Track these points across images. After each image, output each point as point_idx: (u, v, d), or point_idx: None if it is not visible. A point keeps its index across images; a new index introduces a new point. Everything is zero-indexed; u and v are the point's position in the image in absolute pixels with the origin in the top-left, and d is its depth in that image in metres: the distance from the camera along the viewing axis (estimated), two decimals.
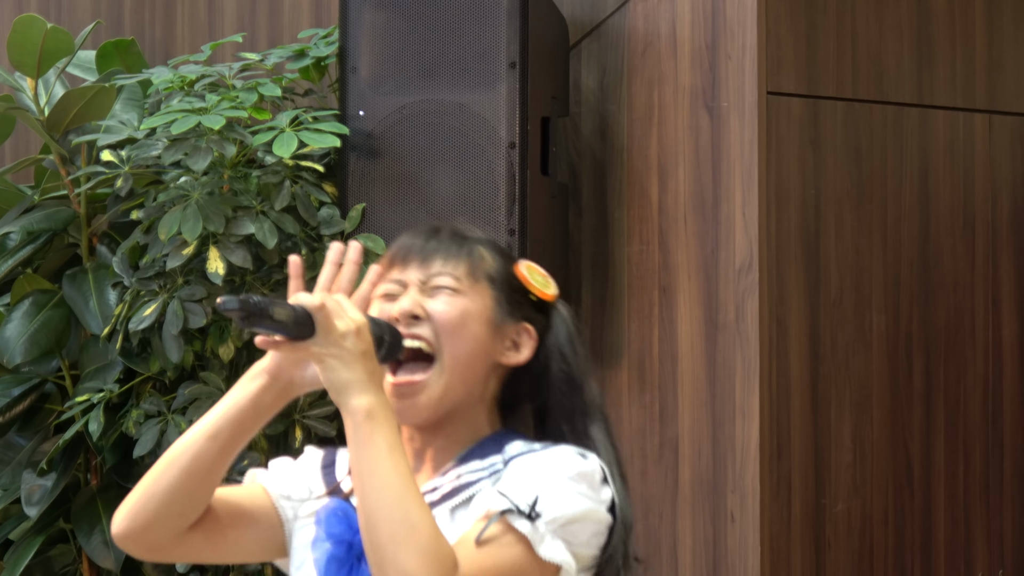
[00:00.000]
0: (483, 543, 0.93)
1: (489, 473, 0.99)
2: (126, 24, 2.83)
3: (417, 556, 0.90)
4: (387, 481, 0.94)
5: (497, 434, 1.05)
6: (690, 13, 2.38)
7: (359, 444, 0.93)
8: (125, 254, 2.37)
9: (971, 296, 2.42)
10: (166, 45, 2.80)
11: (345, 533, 1.04)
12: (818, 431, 2.31)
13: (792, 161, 2.30)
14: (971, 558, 2.37)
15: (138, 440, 2.26)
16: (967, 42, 2.44)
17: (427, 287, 1.04)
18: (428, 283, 1.04)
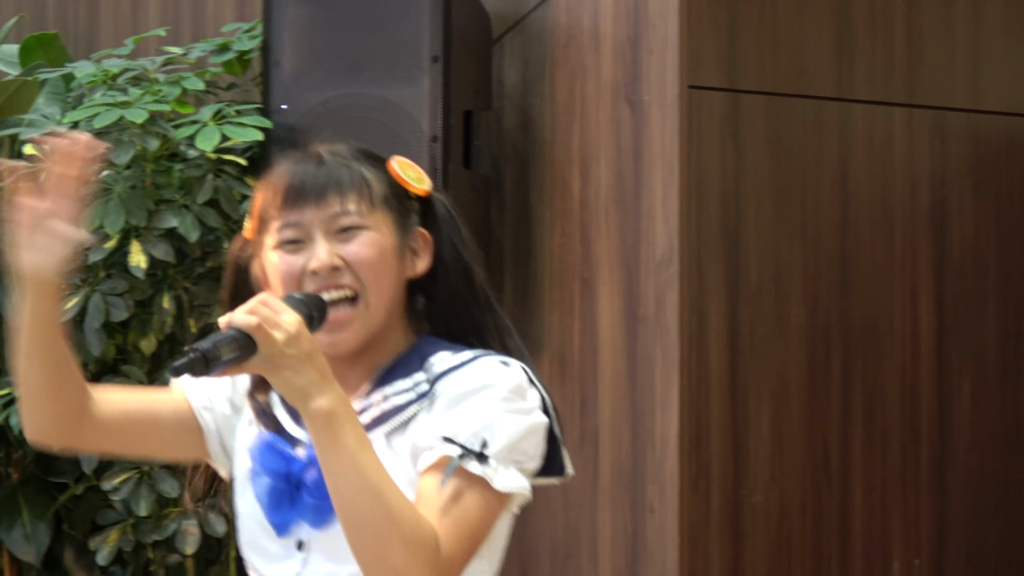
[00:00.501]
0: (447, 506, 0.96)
1: (416, 395, 1.01)
2: (49, 18, 2.81)
3: (404, 551, 0.93)
4: (361, 482, 0.95)
5: (415, 347, 1.07)
6: (612, 7, 2.38)
7: (325, 447, 0.94)
8: None
9: (889, 289, 2.44)
10: (90, 39, 2.76)
11: (280, 466, 1.06)
12: (737, 423, 2.31)
13: (713, 155, 2.31)
14: (888, 548, 2.40)
15: None
16: (887, 37, 2.47)
17: (333, 229, 1.03)
18: (333, 224, 1.03)
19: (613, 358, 2.39)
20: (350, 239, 1.03)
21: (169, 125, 2.15)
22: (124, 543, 2.28)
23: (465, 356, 1.03)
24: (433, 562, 0.96)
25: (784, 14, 2.45)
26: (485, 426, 0.97)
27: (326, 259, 1.01)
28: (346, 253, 1.02)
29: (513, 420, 0.98)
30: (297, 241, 1.03)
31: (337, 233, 1.03)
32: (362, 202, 1.05)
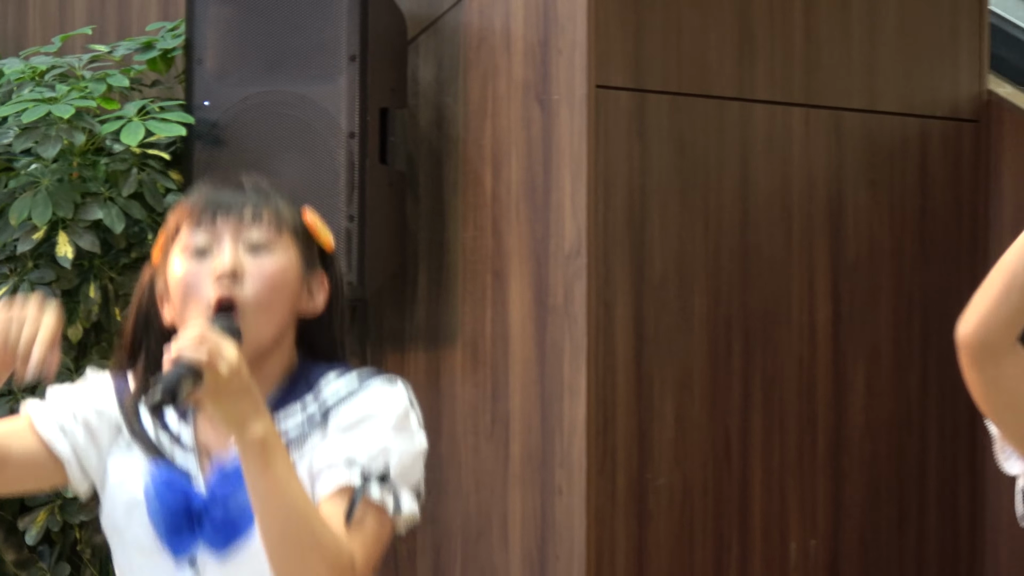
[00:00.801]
0: (355, 530, 1.02)
1: (310, 426, 1.07)
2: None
3: (328, 571, 0.99)
4: (289, 507, 1.00)
5: (301, 370, 1.11)
6: (523, 9, 2.44)
7: (257, 473, 0.97)
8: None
9: (788, 281, 2.54)
10: (18, 37, 2.83)
11: (180, 501, 1.07)
12: (642, 408, 2.39)
13: (619, 152, 2.39)
14: (786, 528, 2.50)
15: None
16: (786, 40, 2.56)
17: (243, 241, 1.05)
18: (244, 237, 1.05)
19: (523, 347, 2.43)
20: (258, 255, 1.05)
21: (95, 120, 2.21)
22: (52, 523, 2.32)
23: (354, 382, 1.09)
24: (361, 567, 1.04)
25: (688, 17, 2.51)
26: (381, 452, 1.03)
27: (230, 263, 1.02)
28: (250, 265, 1.04)
29: (405, 446, 1.06)
30: (205, 250, 1.05)
31: (247, 247, 1.06)
32: (274, 227, 1.07)
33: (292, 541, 1.04)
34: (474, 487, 2.51)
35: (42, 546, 2.46)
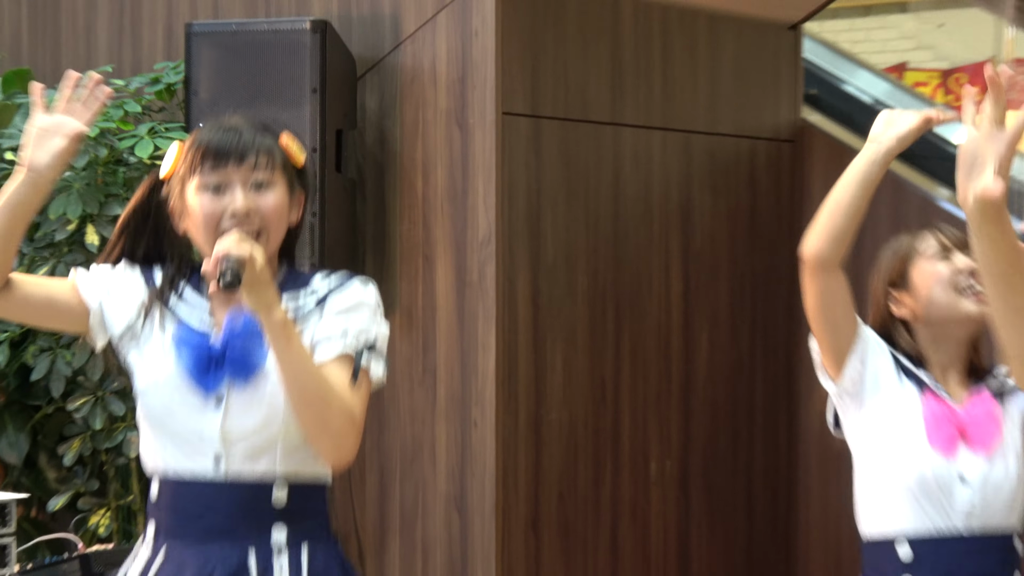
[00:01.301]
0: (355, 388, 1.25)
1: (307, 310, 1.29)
2: (23, 56, 3.24)
3: (339, 416, 1.22)
4: (308, 369, 1.22)
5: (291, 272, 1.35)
6: (445, 53, 2.75)
7: (282, 345, 1.19)
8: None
9: (649, 263, 2.93)
10: (54, 72, 3.10)
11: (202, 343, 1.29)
12: (537, 361, 2.79)
13: (520, 164, 2.75)
14: (648, 451, 2.93)
15: (34, 368, 2.68)
16: (648, 76, 2.97)
17: (248, 182, 1.25)
18: (249, 179, 1.25)
19: (447, 314, 2.75)
20: (261, 192, 1.26)
21: (115, 138, 2.57)
22: (84, 449, 2.69)
23: (339, 279, 1.32)
24: (355, 423, 1.26)
25: (573, 58, 2.89)
26: (369, 330, 1.28)
27: (242, 206, 1.23)
28: (258, 203, 1.24)
29: (382, 328, 1.31)
30: (219, 187, 1.24)
31: (251, 186, 1.25)
32: (269, 166, 1.26)
33: (312, 394, 1.24)
34: (409, 421, 2.82)
35: (76, 467, 2.82)
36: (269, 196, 1.28)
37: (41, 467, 2.93)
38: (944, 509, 1.58)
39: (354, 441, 1.34)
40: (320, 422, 1.26)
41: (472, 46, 2.66)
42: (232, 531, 1.36)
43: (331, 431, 1.28)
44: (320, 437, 1.29)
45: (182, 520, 1.37)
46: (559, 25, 2.87)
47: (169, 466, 1.35)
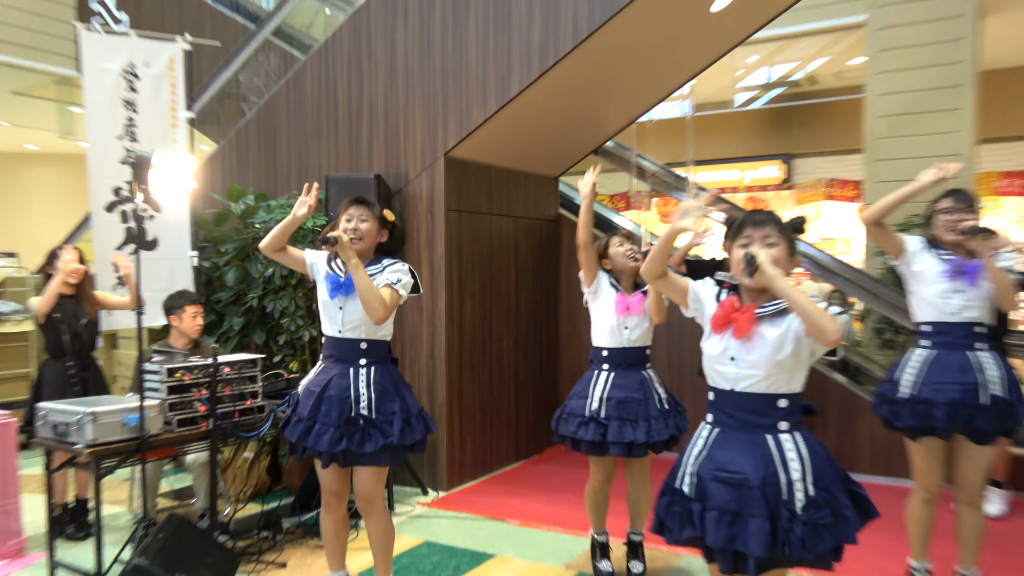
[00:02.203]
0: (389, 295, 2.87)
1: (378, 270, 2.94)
2: (250, 181, 5.91)
3: (381, 307, 2.84)
4: (368, 286, 2.81)
5: (377, 257, 3.01)
6: (425, 187, 5.06)
7: (357, 275, 2.80)
8: None
9: (503, 268, 5.45)
10: (269, 188, 5.94)
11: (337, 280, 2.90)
12: (462, 304, 5.27)
13: (453, 228, 5.20)
14: (503, 337, 5.60)
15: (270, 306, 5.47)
16: (501, 190, 6.09)
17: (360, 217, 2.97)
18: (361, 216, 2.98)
19: (427, 287, 4.99)
20: (363, 222, 2.95)
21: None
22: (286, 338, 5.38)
23: (393, 261, 2.97)
24: (386, 310, 2.85)
25: (474, 188, 5.58)
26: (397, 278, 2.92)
27: (352, 226, 2.94)
28: (362, 227, 2.94)
29: (405, 277, 2.94)
30: (351, 219, 2.93)
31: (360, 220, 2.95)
32: (369, 213, 2.98)
33: (369, 297, 2.79)
34: (413, 325, 5.07)
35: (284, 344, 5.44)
36: (368, 224, 2.93)
37: (270, 345, 5.18)
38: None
39: (383, 313, 2.80)
40: (371, 308, 2.77)
41: (435, 183, 5.03)
42: (345, 360, 2.93)
43: (371, 306, 2.76)
44: (369, 312, 2.78)
45: (329, 352, 2.94)
46: (466, 174, 5.22)
47: (325, 330, 2.92)
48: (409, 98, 5.35)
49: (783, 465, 2.00)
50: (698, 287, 2.18)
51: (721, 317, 2.08)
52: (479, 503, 5.00)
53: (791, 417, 2.05)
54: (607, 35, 4.76)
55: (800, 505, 1.98)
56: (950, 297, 3.05)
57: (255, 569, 3.87)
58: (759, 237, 2.05)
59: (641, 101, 6.03)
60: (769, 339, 2.03)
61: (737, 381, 2.07)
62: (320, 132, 5.68)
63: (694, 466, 2.09)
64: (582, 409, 3.45)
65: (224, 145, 6.18)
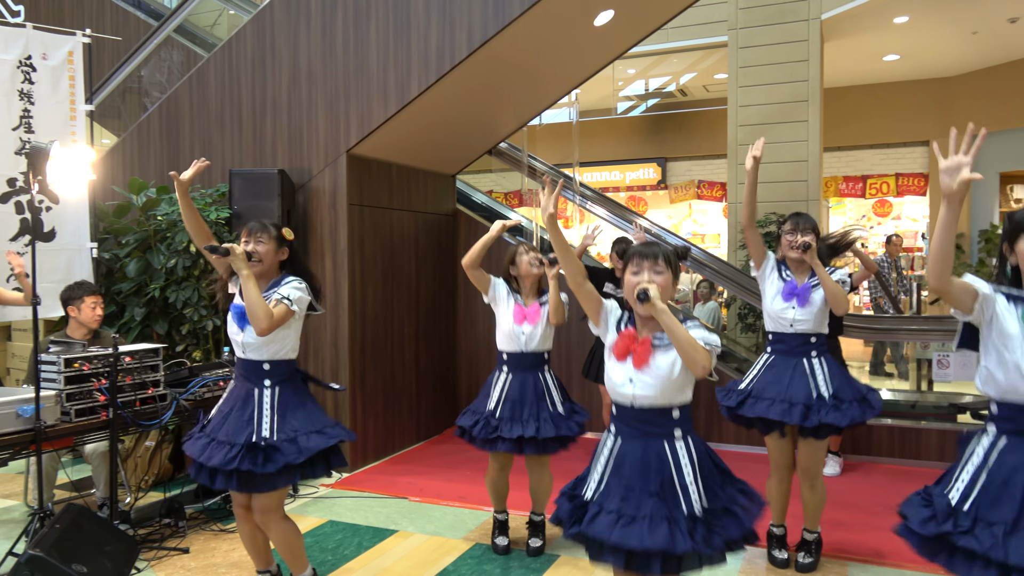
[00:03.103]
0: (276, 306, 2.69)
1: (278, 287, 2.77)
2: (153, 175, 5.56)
3: (263, 315, 2.65)
4: (256, 297, 2.64)
5: (281, 276, 2.84)
6: (328, 182, 5.01)
7: (247, 286, 2.64)
8: None
9: (403, 259, 5.38)
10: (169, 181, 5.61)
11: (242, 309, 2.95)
12: (363, 293, 5.25)
13: (356, 222, 5.19)
14: (404, 325, 5.74)
15: (173, 296, 5.16)
16: (401, 190, 6.09)
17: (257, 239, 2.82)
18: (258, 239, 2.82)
19: (331, 278, 4.88)
20: (260, 243, 2.80)
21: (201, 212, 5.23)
22: (190, 328, 5.24)
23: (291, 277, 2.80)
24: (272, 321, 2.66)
25: (375, 182, 5.64)
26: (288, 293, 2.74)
27: (251, 248, 2.77)
28: (259, 248, 2.80)
29: (296, 293, 2.76)
30: (248, 241, 2.78)
31: (257, 241, 2.80)
32: (266, 235, 2.83)
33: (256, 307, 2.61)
34: (320, 316, 5.47)
35: (187, 335, 5.21)
36: (263, 245, 2.81)
37: (173, 335, 4.97)
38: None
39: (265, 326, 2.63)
40: (255, 319, 2.63)
41: (337, 179, 4.91)
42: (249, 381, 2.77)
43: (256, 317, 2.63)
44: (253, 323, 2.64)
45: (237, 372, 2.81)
46: (368, 171, 5.13)
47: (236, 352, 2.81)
48: (312, 97, 5.17)
49: (677, 470, 2.07)
50: (609, 307, 2.25)
51: (622, 348, 2.16)
52: (381, 482, 4.91)
53: (684, 424, 2.15)
54: (500, 44, 4.75)
55: (697, 506, 2.05)
56: (786, 312, 3.28)
57: (157, 556, 3.64)
58: (648, 267, 2.13)
59: (531, 106, 6.05)
60: (663, 365, 2.11)
61: (636, 399, 2.15)
62: (224, 127, 5.42)
63: (600, 473, 2.16)
64: (482, 407, 3.51)
65: (126, 138, 5.80)
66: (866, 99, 11.92)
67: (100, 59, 6.72)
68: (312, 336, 5.15)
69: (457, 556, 3.68)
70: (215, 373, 4.14)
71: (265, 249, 2.81)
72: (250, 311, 2.62)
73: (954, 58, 10.69)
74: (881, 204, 12.97)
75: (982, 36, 9.62)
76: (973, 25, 9.24)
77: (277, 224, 2.87)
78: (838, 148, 12.36)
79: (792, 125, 8.07)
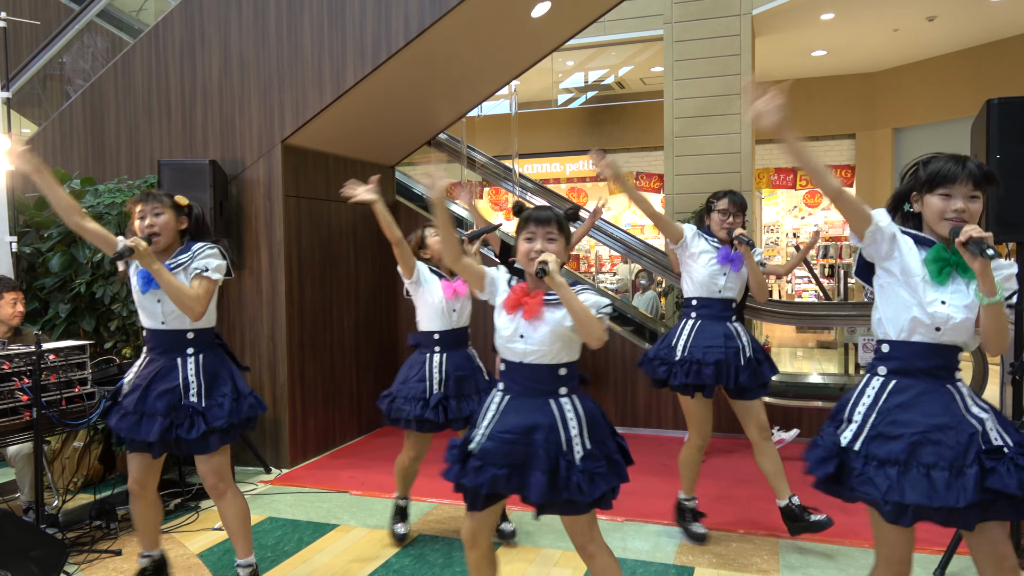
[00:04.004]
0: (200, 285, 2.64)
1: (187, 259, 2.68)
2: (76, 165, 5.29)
3: (189, 300, 2.60)
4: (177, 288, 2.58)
5: (186, 246, 2.72)
6: (263, 173, 4.98)
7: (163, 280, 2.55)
8: None
9: (343, 249, 5.31)
10: (96, 174, 5.36)
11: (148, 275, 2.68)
12: (301, 285, 5.12)
13: (292, 213, 5.12)
14: (344, 318, 5.78)
15: (100, 293, 4.92)
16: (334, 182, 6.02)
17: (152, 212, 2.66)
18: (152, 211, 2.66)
19: (267, 270, 4.79)
20: (157, 215, 2.66)
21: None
22: (118, 324, 5.05)
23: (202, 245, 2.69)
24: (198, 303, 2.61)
25: (311, 173, 5.66)
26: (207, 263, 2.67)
27: (147, 223, 2.65)
28: (155, 223, 2.65)
29: (216, 261, 2.69)
30: (143, 216, 2.64)
31: (155, 213, 2.65)
32: (163, 205, 2.69)
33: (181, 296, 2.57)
34: (252, 307, 4.83)
35: (116, 331, 5.02)
36: (161, 217, 2.69)
37: (101, 331, 4.80)
38: None
39: (199, 310, 2.59)
40: (186, 309, 2.58)
41: (272, 169, 4.82)
42: (171, 351, 2.69)
43: (185, 306, 2.56)
44: (185, 312, 2.59)
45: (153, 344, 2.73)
46: (304, 161, 5.06)
47: (145, 324, 2.72)
48: (245, 85, 5.05)
49: (563, 424, 2.14)
50: (493, 273, 2.27)
51: (513, 300, 2.18)
52: (322, 477, 4.85)
53: (570, 383, 2.20)
54: (437, 34, 4.72)
55: (579, 456, 2.12)
56: (717, 278, 3.38)
57: (88, 559, 3.52)
58: (542, 234, 2.14)
59: (470, 97, 6.03)
60: (552, 321, 2.15)
61: (525, 355, 2.18)
62: (152, 116, 5.25)
63: (487, 428, 2.20)
64: (423, 392, 3.44)
65: (47, 128, 5.55)
66: (796, 93, 12.27)
67: (18, 44, 6.44)
68: (248, 330, 5.04)
69: (399, 549, 3.66)
70: None
71: (164, 220, 2.72)
72: (177, 302, 2.58)
73: (877, 54, 11.08)
74: (811, 195, 13.39)
75: (903, 33, 10.01)
76: (894, 23, 9.61)
77: (168, 192, 2.81)
78: (770, 141, 12.70)
79: (726, 118, 8.27)
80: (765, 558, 3.51)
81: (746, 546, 3.66)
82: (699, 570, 3.40)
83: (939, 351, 1.94)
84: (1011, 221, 3.22)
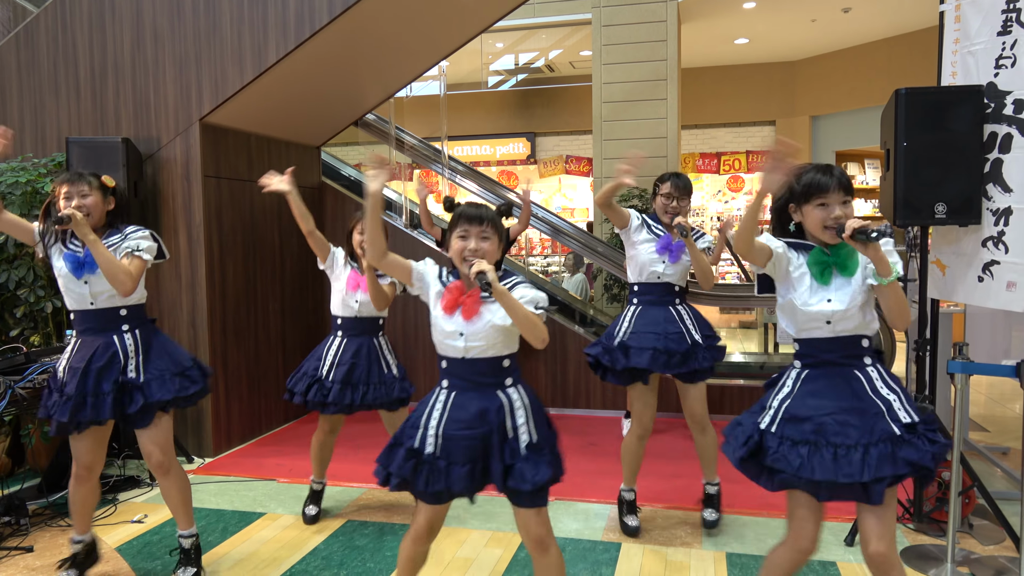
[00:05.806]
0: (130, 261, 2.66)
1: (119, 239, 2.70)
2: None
3: (122, 276, 2.62)
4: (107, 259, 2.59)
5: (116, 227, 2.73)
6: (180, 152, 4.68)
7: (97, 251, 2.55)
8: None
9: (267, 232, 5.23)
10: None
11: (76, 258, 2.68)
12: (223, 268, 4.95)
13: (211, 194, 4.83)
14: (268, 302, 5.52)
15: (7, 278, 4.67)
16: (259, 162, 5.84)
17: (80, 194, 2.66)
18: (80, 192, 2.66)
19: (186, 254, 4.61)
20: (85, 198, 2.64)
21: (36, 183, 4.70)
22: (26, 309, 4.77)
23: (136, 228, 2.71)
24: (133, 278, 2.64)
25: (233, 152, 5.35)
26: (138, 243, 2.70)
27: (75, 204, 2.64)
28: (84, 202, 2.64)
29: (147, 242, 2.72)
30: (70, 196, 2.63)
31: (82, 196, 2.62)
32: (91, 186, 2.66)
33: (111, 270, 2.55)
34: (171, 292, 4.67)
35: (23, 317, 4.73)
36: (90, 198, 2.68)
37: (6, 319, 4.55)
38: None
39: (131, 285, 2.63)
40: (117, 283, 2.60)
41: (190, 149, 4.63)
42: (104, 330, 2.72)
43: (117, 280, 2.59)
44: (116, 286, 2.62)
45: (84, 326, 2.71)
46: (224, 141, 4.89)
47: (73, 306, 2.72)
48: (159, 60, 4.84)
49: (511, 413, 2.17)
50: (421, 268, 2.25)
51: (451, 301, 2.17)
52: (247, 465, 4.75)
53: (514, 373, 2.22)
54: (363, 11, 4.64)
55: (524, 444, 2.15)
56: (656, 265, 3.38)
57: None
58: (476, 233, 2.13)
59: (398, 77, 5.94)
60: (492, 317, 2.15)
61: (467, 351, 2.18)
62: (59, 92, 4.97)
63: (436, 427, 2.18)
64: (315, 371, 3.49)
65: None
66: (720, 79, 12.55)
67: None
68: (167, 316, 4.89)
69: (328, 535, 3.64)
70: (56, 358, 3.81)
71: (92, 202, 2.70)
72: (108, 274, 2.58)
73: (796, 43, 11.45)
74: (735, 180, 13.77)
75: (820, 24, 10.38)
76: (812, 13, 9.95)
77: (95, 172, 2.74)
78: (695, 126, 12.98)
79: (652, 103, 8.40)
80: (688, 531, 3.62)
81: (670, 520, 3.75)
82: (625, 545, 3.48)
83: (839, 342, 2.10)
84: (916, 206, 3.39)
